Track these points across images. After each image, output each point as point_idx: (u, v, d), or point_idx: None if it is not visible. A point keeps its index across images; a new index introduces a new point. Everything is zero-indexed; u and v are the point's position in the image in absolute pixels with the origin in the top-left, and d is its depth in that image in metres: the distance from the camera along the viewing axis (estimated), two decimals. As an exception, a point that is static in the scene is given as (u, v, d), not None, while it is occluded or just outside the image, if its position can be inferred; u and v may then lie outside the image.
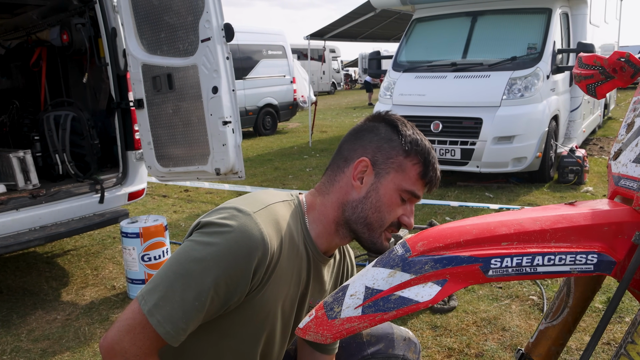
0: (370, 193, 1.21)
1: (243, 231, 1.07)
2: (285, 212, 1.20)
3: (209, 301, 1.06)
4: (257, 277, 1.10)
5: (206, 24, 3.17)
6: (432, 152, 1.25)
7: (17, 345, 2.92)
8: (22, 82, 5.28)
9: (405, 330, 1.57)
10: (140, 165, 3.96)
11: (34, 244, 3.29)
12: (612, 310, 0.91)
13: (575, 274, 0.90)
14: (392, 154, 1.22)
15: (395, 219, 1.23)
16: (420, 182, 1.23)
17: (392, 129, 1.25)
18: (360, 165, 1.23)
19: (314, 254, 1.26)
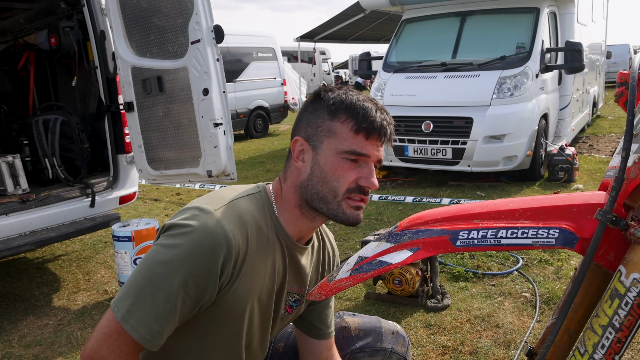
0: (313, 168, 1.18)
1: (205, 230, 1.07)
2: (249, 206, 1.19)
3: (180, 302, 1.07)
4: (226, 274, 1.11)
5: (196, 25, 3.15)
6: (364, 103, 1.17)
7: (8, 351, 2.89)
8: (10, 86, 5.23)
9: (393, 324, 1.59)
10: (131, 169, 3.93)
11: (25, 249, 3.26)
12: (578, 283, 0.93)
13: (537, 247, 0.96)
14: (318, 122, 1.18)
15: (353, 184, 1.17)
16: (357, 137, 1.15)
17: (316, 99, 1.22)
18: (296, 146, 1.21)
19: (287, 242, 1.25)
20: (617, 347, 0.89)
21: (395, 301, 3.16)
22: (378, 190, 6.25)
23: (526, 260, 3.71)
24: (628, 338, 0.88)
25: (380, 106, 1.19)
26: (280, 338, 1.58)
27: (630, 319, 0.87)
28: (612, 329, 0.89)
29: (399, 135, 6.38)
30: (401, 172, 7.01)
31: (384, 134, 1.17)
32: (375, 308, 3.13)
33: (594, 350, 0.91)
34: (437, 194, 5.85)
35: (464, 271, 3.53)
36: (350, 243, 4.34)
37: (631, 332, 0.88)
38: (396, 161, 6.48)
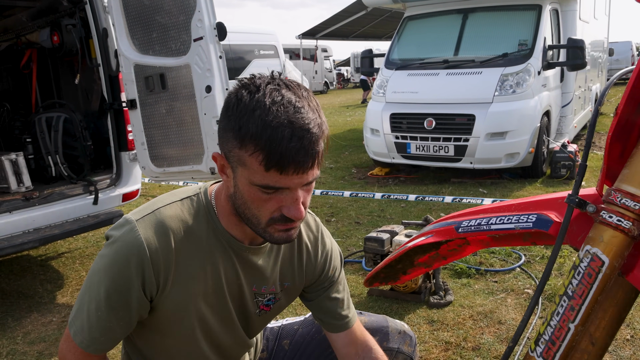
0: (235, 188, 1.07)
1: (122, 240, 1.09)
2: (177, 212, 1.14)
3: (109, 311, 1.11)
4: (149, 281, 1.10)
5: (198, 23, 3.16)
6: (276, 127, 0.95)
7: (13, 348, 2.90)
8: (13, 84, 5.24)
9: (400, 324, 1.56)
10: (134, 166, 3.94)
11: (28, 246, 3.27)
12: (551, 263, 0.99)
13: (517, 230, 1.09)
14: (229, 146, 1.02)
15: (276, 213, 1.05)
16: (269, 172, 0.98)
17: (229, 111, 1.01)
18: (217, 161, 1.09)
19: (232, 244, 1.18)
20: (571, 314, 0.96)
21: (398, 297, 3.17)
22: (380, 188, 6.27)
23: (528, 257, 3.72)
24: (582, 306, 0.95)
25: (300, 124, 0.96)
26: (286, 335, 1.58)
27: (582, 287, 0.95)
28: (567, 297, 0.97)
29: (401, 132, 6.38)
30: (403, 169, 7.01)
31: (301, 165, 0.97)
32: (378, 304, 3.13)
33: (552, 317, 0.99)
34: (439, 191, 5.85)
35: (467, 268, 3.54)
36: (353, 240, 4.35)
37: (584, 300, 0.94)
38: (398, 158, 6.48)
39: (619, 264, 0.93)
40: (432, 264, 1.39)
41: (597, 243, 0.94)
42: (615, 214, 0.92)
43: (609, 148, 0.96)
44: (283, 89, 1.00)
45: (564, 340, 0.96)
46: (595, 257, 0.93)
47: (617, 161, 0.97)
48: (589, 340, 1.04)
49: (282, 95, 0.99)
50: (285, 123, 0.95)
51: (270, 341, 1.58)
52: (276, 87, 1.00)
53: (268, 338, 1.58)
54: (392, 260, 1.39)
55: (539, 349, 0.99)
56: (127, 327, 1.16)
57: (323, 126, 1.01)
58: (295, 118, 0.96)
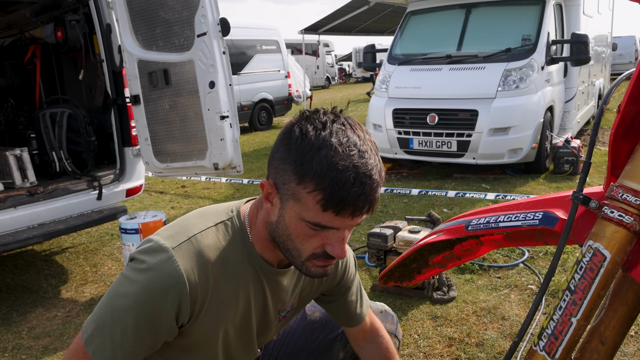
0: (279, 218, 1.06)
1: (158, 270, 1.05)
2: (213, 240, 1.12)
3: (135, 336, 1.07)
4: (184, 312, 1.08)
5: (202, 18, 3.16)
6: (338, 168, 0.94)
7: (18, 342, 2.93)
8: (17, 80, 5.25)
9: (381, 305, 1.62)
10: (138, 162, 3.95)
11: (33, 241, 3.29)
12: (556, 259, 0.99)
13: (524, 227, 1.09)
14: (285, 178, 1.01)
15: (318, 250, 1.06)
16: (325, 213, 0.98)
17: (288, 140, 1.01)
18: (264, 188, 1.07)
19: (263, 268, 1.18)
20: (573, 308, 0.96)
21: (401, 293, 3.18)
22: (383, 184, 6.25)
23: (532, 253, 3.72)
24: (584, 301, 0.95)
25: (364, 170, 0.96)
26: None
27: (584, 282, 0.95)
28: (569, 291, 0.98)
29: (404, 127, 6.38)
30: (406, 164, 7.01)
31: (360, 209, 0.98)
32: (382, 300, 3.14)
33: (554, 311, 0.99)
34: (442, 187, 5.85)
35: (470, 264, 3.54)
36: (356, 235, 4.36)
37: (586, 295, 0.95)
38: (401, 154, 6.48)
39: (621, 259, 0.94)
40: (447, 264, 1.40)
41: (600, 238, 0.95)
42: (617, 210, 0.93)
43: (612, 145, 0.97)
44: (348, 129, 1.00)
45: (566, 334, 0.97)
46: (597, 252, 0.94)
47: (623, 158, 0.97)
48: (598, 340, 1.05)
49: (347, 136, 0.98)
50: (351, 167, 0.95)
51: None
52: (342, 127, 1.00)
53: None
54: (406, 259, 1.40)
55: (542, 342, 1.00)
56: (151, 350, 1.13)
57: (382, 172, 1.02)
58: (360, 163, 0.97)
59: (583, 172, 1.00)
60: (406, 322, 2.88)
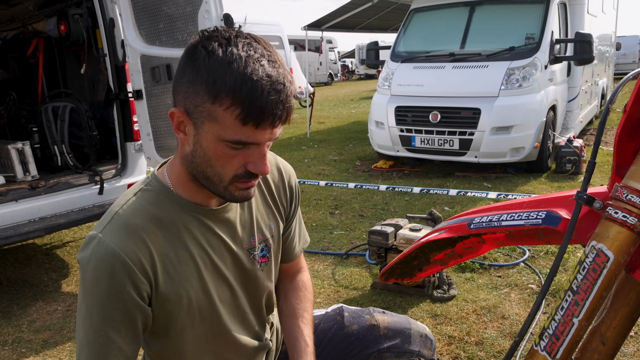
0: (195, 145, 1.03)
1: (95, 257, 1.03)
2: (136, 207, 1.10)
3: (112, 331, 1.05)
4: (141, 285, 1.06)
5: (205, 14, 3.15)
6: (252, 79, 0.93)
7: (18, 336, 2.93)
8: (19, 73, 5.25)
9: (422, 327, 1.55)
10: (140, 157, 3.95)
11: (34, 235, 3.29)
12: (559, 259, 0.99)
13: (527, 226, 1.09)
14: (197, 100, 0.98)
15: (240, 170, 1.04)
16: (245, 127, 0.96)
17: (194, 61, 0.97)
18: (174, 117, 1.04)
19: (201, 213, 1.15)
20: (575, 309, 0.96)
21: (401, 291, 3.18)
22: (384, 181, 6.26)
23: (532, 252, 3.72)
24: (586, 302, 0.95)
25: (276, 78, 0.96)
26: None
27: (587, 282, 0.95)
28: (571, 292, 0.97)
29: (406, 125, 6.37)
30: (408, 162, 7.01)
31: (278, 118, 0.97)
32: (382, 297, 3.14)
33: (556, 312, 0.99)
34: (443, 185, 5.85)
35: (471, 262, 3.54)
36: (357, 232, 4.36)
37: (588, 295, 0.95)
38: (403, 151, 6.47)
39: (625, 260, 0.94)
40: (448, 261, 1.39)
41: (603, 239, 0.94)
42: (621, 210, 0.93)
43: (618, 146, 0.96)
44: (253, 42, 0.99)
45: (567, 334, 0.97)
46: (600, 252, 0.94)
47: (629, 159, 0.97)
48: (599, 340, 1.04)
49: (254, 48, 0.98)
50: (265, 77, 0.95)
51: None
52: (247, 40, 0.99)
53: None
54: (408, 256, 1.40)
55: (543, 342, 1.00)
56: (135, 343, 1.10)
57: (292, 81, 1.01)
58: (272, 72, 0.96)
59: (587, 172, 1.00)
60: (406, 320, 2.88)
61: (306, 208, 5.13)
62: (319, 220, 4.76)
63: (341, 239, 4.22)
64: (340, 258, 3.82)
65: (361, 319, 1.51)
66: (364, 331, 1.49)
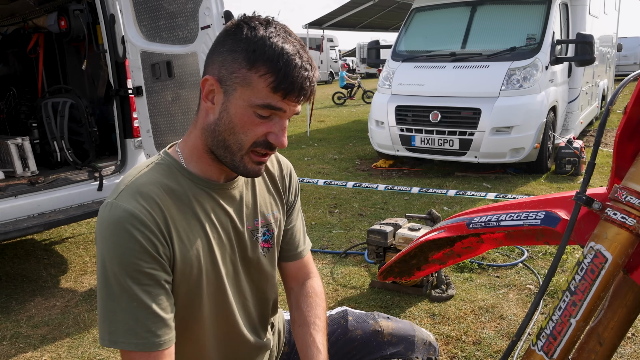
0: (222, 114, 1.09)
1: (110, 221, 1.05)
2: (150, 177, 1.12)
3: (143, 294, 1.04)
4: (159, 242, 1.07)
5: (206, 11, 3.15)
6: (288, 54, 1.05)
7: (16, 331, 2.93)
8: (19, 68, 5.25)
9: (427, 334, 1.54)
10: (139, 153, 3.95)
11: (33, 231, 3.29)
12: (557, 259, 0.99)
13: (526, 226, 1.10)
14: (234, 67, 1.06)
15: (261, 138, 1.10)
16: (275, 94, 1.05)
17: (236, 34, 1.08)
18: (206, 85, 1.10)
19: (211, 186, 1.19)
20: (572, 309, 0.97)
21: (399, 290, 3.18)
22: (384, 180, 6.26)
23: (531, 253, 3.72)
24: (583, 302, 0.95)
25: (306, 58, 1.08)
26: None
27: (584, 283, 0.96)
28: (569, 292, 0.98)
29: (406, 124, 6.37)
30: (407, 161, 7.01)
31: (304, 94, 1.08)
32: (380, 297, 3.14)
33: (554, 312, 0.99)
34: (443, 185, 5.85)
35: (469, 262, 3.54)
36: (356, 231, 4.36)
37: (586, 296, 0.95)
38: (403, 151, 6.47)
39: (623, 261, 0.94)
40: (447, 261, 1.39)
41: (601, 240, 0.94)
42: (620, 211, 0.93)
43: (617, 147, 0.96)
44: (287, 28, 1.11)
45: (565, 334, 0.97)
46: (598, 253, 0.94)
47: (628, 160, 0.97)
48: (597, 340, 1.04)
49: (289, 32, 1.10)
50: (297, 54, 1.06)
51: (292, 336, 1.52)
52: (282, 26, 1.10)
53: (290, 332, 1.54)
54: (406, 255, 1.39)
55: (540, 342, 1.00)
56: (168, 299, 1.09)
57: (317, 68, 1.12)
58: (302, 52, 1.08)
59: (587, 173, 1.00)
60: (404, 319, 2.88)
61: (305, 207, 5.13)
62: (318, 218, 4.76)
63: (340, 238, 4.22)
64: (339, 257, 3.82)
65: (365, 324, 1.51)
66: (367, 336, 1.48)
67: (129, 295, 1.04)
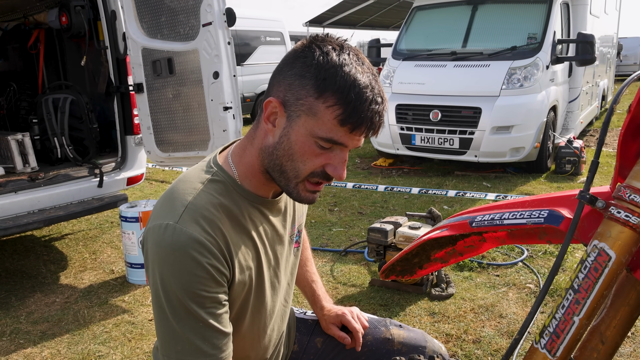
0: (282, 138, 1.05)
1: (178, 248, 1.02)
2: (208, 198, 1.09)
3: (208, 315, 1.04)
4: (225, 271, 1.07)
5: (207, 8, 3.14)
6: (360, 86, 0.98)
7: (16, 327, 2.93)
8: (20, 64, 5.24)
9: (438, 345, 1.54)
10: (140, 150, 3.95)
11: (33, 227, 3.29)
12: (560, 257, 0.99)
13: (529, 225, 1.10)
14: (301, 93, 1.01)
15: (319, 169, 1.06)
16: (341, 128, 1.00)
17: (306, 57, 1.02)
18: (269, 107, 1.06)
19: (264, 204, 1.18)
20: (575, 307, 0.97)
21: (399, 288, 3.18)
22: (384, 179, 6.26)
23: (531, 252, 3.72)
24: (587, 300, 0.96)
25: (378, 90, 1.02)
26: (320, 333, 1.54)
27: (588, 281, 0.96)
28: (572, 290, 0.98)
29: (406, 123, 6.37)
30: (407, 160, 7.00)
31: (372, 129, 1.03)
32: (380, 295, 3.15)
33: (557, 310, 0.99)
34: (442, 184, 5.85)
35: (469, 261, 3.54)
36: (356, 230, 4.36)
37: (589, 294, 0.95)
38: (403, 149, 6.47)
39: (626, 260, 0.94)
40: (449, 259, 1.39)
41: (605, 238, 0.94)
42: (624, 210, 0.93)
43: (621, 146, 0.96)
44: (360, 54, 1.05)
45: (568, 332, 0.97)
46: (602, 251, 0.94)
47: (632, 159, 0.97)
48: (599, 339, 1.05)
49: (362, 60, 1.03)
50: (369, 86, 1.00)
51: (303, 335, 1.55)
52: (355, 52, 1.04)
53: (301, 331, 1.55)
54: (409, 253, 1.40)
55: (543, 340, 1.00)
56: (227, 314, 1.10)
57: (387, 99, 1.07)
58: (375, 84, 1.02)
59: (590, 172, 1.00)
60: (404, 317, 2.88)
61: (305, 204, 5.13)
62: (318, 217, 4.76)
63: (340, 236, 4.22)
64: (339, 255, 3.83)
65: (376, 330, 1.50)
66: (377, 343, 1.48)
67: (194, 317, 1.03)
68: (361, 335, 1.48)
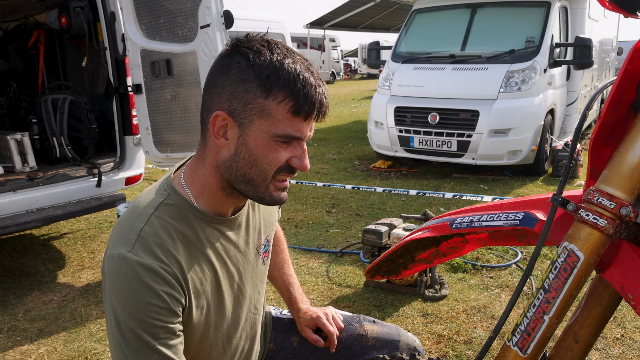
0: (239, 148, 1.04)
1: (132, 277, 1.01)
2: (161, 224, 1.07)
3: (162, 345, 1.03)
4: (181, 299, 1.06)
5: (205, 10, 3.18)
6: (302, 74, 1.00)
7: (13, 324, 2.96)
8: (20, 64, 5.28)
9: (412, 338, 1.55)
10: (138, 151, 3.98)
11: (31, 225, 3.32)
12: (533, 259, 1.02)
13: (505, 227, 1.13)
14: (248, 98, 1.01)
15: (283, 164, 1.06)
16: (295, 119, 1.01)
17: (244, 64, 1.01)
18: (217, 121, 1.04)
19: (222, 224, 1.17)
20: (546, 306, 1.00)
21: (393, 289, 3.21)
22: (382, 181, 6.29)
23: (525, 254, 3.75)
24: (556, 300, 0.99)
25: (316, 74, 1.04)
26: (296, 332, 1.56)
27: (558, 282, 0.99)
28: (543, 290, 1.01)
29: (405, 125, 6.40)
30: (406, 162, 7.03)
31: (323, 111, 1.05)
32: (374, 296, 3.17)
33: (528, 309, 1.03)
34: (440, 186, 5.88)
35: (463, 263, 3.57)
36: (353, 231, 4.38)
37: (559, 294, 0.98)
38: (401, 152, 6.50)
39: (595, 261, 0.97)
40: (433, 260, 1.42)
41: (574, 240, 0.97)
42: (593, 213, 0.96)
43: (592, 150, 0.99)
44: (288, 47, 1.07)
45: (538, 331, 1.00)
46: (571, 253, 0.97)
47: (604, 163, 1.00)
48: (573, 338, 1.08)
49: (292, 52, 1.05)
50: (308, 71, 1.02)
51: (279, 333, 1.56)
52: (284, 45, 1.06)
53: (277, 330, 1.56)
54: (393, 253, 1.42)
55: (515, 338, 1.04)
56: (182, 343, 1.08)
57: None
58: (313, 70, 1.04)
59: (563, 175, 1.03)
60: (397, 318, 2.91)
61: (303, 206, 5.16)
62: (316, 218, 4.79)
63: (337, 237, 4.25)
64: (335, 256, 3.85)
65: (350, 327, 1.52)
66: (351, 340, 1.50)
67: (149, 348, 1.02)
68: (336, 338, 1.49)
